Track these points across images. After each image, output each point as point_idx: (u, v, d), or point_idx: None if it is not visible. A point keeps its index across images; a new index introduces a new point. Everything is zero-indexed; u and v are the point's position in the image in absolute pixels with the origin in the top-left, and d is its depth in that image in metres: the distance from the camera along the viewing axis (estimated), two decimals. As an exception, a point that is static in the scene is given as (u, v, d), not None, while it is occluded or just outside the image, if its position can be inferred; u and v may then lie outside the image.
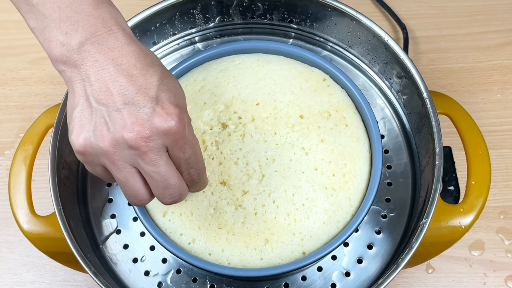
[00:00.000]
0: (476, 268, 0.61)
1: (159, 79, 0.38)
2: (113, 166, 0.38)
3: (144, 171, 0.38)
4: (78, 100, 0.38)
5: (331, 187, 0.49)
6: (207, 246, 0.48)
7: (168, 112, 0.37)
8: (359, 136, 0.51)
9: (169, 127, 0.37)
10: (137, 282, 0.54)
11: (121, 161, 0.38)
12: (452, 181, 0.61)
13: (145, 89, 0.37)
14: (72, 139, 0.38)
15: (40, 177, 0.65)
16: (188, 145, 0.39)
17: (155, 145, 0.37)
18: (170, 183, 0.39)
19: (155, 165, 0.38)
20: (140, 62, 0.38)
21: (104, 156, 0.38)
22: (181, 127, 0.38)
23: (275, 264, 0.47)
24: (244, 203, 0.48)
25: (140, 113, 0.37)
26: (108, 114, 0.37)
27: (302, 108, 0.51)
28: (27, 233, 0.52)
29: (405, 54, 0.55)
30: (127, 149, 0.37)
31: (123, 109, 0.36)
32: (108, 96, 0.36)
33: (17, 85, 0.72)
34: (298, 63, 0.54)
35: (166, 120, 0.37)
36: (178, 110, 0.38)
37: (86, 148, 0.38)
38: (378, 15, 0.75)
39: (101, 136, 0.37)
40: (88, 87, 0.37)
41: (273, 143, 0.50)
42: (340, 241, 0.47)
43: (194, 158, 0.40)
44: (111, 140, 0.37)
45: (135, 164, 0.38)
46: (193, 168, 0.41)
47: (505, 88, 0.70)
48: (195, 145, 0.40)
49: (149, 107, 0.37)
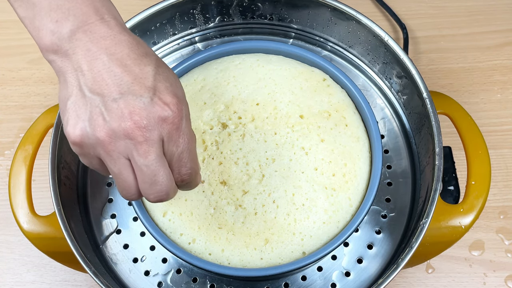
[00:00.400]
0: (476, 268, 0.61)
1: (155, 69, 0.37)
2: (108, 157, 0.37)
3: (135, 164, 0.37)
4: (71, 91, 0.37)
5: (331, 187, 0.49)
6: (207, 246, 0.48)
7: (165, 101, 0.37)
8: (359, 136, 0.51)
9: (166, 116, 0.36)
10: (137, 282, 0.54)
11: (116, 152, 0.37)
12: (452, 181, 0.61)
13: (141, 79, 0.36)
14: (68, 130, 0.37)
15: (40, 177, 0.65)
16: (183, 139, 0.38)
17: (151, 136, 0.36)
18: (158, 179, 0.38)
19: (146, 157, 0.37)
20: (133, 52, 0.37)
21: (100, 147, 0.37)
22: (178, 117, 0.37)
23: (275, 264, 0.47)
24: (244, 203, 0.48)
25: (137, 103, 0.36)
26: (103, 103, 0.36)
27: (302, 108, 0.51)
28: (27, 233, 0.52)
29: (405, 54, 0.55)
30: (123, 139, 0.36)
31: (120, 99, 0.36)
32: (103, 86, 0.36)
33: (17, 85, 0.72)
34: (298, 63, 0.54)
35: (164, 109, 0.36)
36: (176, 99, 0.37)
37: (83, 139, 0.37)
38: (378, 15, 0.75)
39: (97, 125, 0.36)
40: (81, 77, 0.36)
41: (273, 143, 0.50)
42: (340, 241, 0.47)
43: (187, 155, 0.39)
44: (108, 130, 0.36)
45: (130, 155, 0.37)
46: (185, 167, 0.39)
47: (505, 88, 0.70)
48: (190, 140, 0.39)
49: (146, 96, 0.36)
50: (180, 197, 0.49)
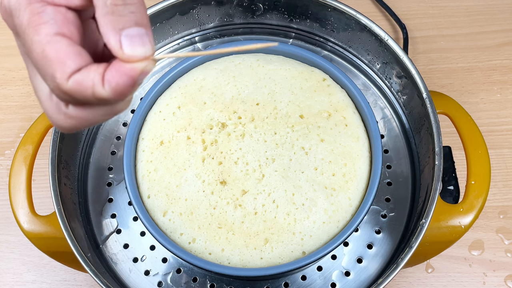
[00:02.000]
0: (476, 268, 0.61)
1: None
2: None
3: None
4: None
5: (331, 187, 0.49)
6: (207, 246, 0.48)
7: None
8: (359, 136, 0.51)
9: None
10: (137, 282, 0.54)
11: None
12: (452, 181, 0.61)
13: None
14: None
15: (40, 177, 0.65)
16: None
17: None
18: None
19: None
20: None
21: None
22: None
23: (275, 264, 0.47)
24: (244, 203, 0.48)
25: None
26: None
27: (302, 108, 0.51)
28: (27, 233, 0.52)
29: (404, 54, 0.55)
30: None
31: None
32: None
33: (17, 85, 0.72)
34: (298, 63, 0.54)
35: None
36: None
37: None
38: (377, 15, 0.75)
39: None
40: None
41: (273, 143, 0.50)
42: (340, 240, 0.47)
43: None
44: None
45: None
46: None
47: (505, 88, 0.70)
48: None
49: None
50: (180, 197, 0.49)
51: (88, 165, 0.59)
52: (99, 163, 0.59)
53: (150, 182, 0.50)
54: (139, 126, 0.52)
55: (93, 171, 0.59)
